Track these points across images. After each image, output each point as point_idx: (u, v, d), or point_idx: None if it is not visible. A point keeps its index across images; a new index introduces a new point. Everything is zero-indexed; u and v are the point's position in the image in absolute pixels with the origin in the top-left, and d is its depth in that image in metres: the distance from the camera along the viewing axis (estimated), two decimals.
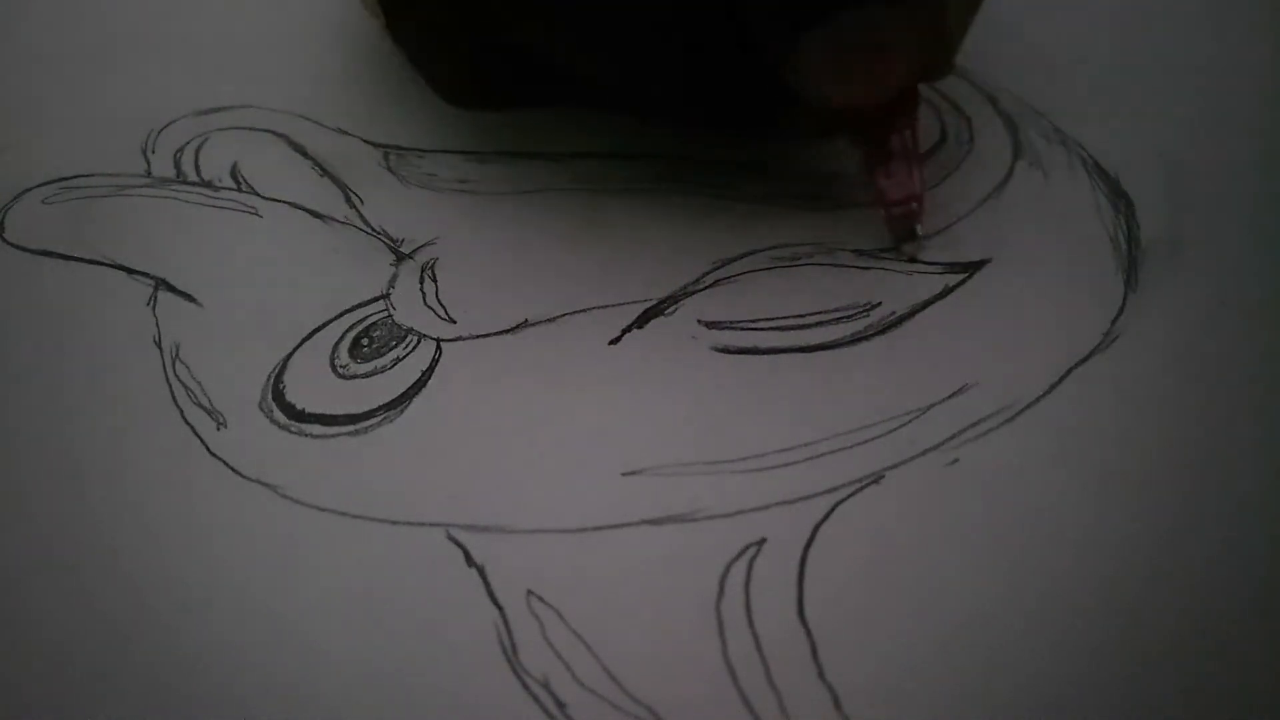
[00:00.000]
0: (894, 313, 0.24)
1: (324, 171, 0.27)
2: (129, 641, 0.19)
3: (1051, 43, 0.30)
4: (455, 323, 0.24)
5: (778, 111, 0.24)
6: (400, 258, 0.25)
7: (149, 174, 0.27)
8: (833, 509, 0.21)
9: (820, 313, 0.24)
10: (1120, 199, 0.26)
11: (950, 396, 0.22)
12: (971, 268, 0.25)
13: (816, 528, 0.20)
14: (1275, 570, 0.20)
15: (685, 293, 0.24)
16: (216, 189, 0.27)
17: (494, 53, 0.25)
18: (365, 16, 0.29)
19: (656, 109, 0.26)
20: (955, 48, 0.24)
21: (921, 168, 0.25)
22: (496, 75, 0.26)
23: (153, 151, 0.28)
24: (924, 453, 0.21)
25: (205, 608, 0.20)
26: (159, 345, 0.24)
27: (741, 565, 0.20)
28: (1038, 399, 0.22)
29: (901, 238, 0.25)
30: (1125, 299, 0.24)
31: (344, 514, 0.21)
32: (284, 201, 0.27)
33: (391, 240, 0.26)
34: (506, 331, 0.24)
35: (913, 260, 0.25)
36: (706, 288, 0.24)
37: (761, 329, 0.24)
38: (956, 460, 0.21)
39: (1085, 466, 0.21)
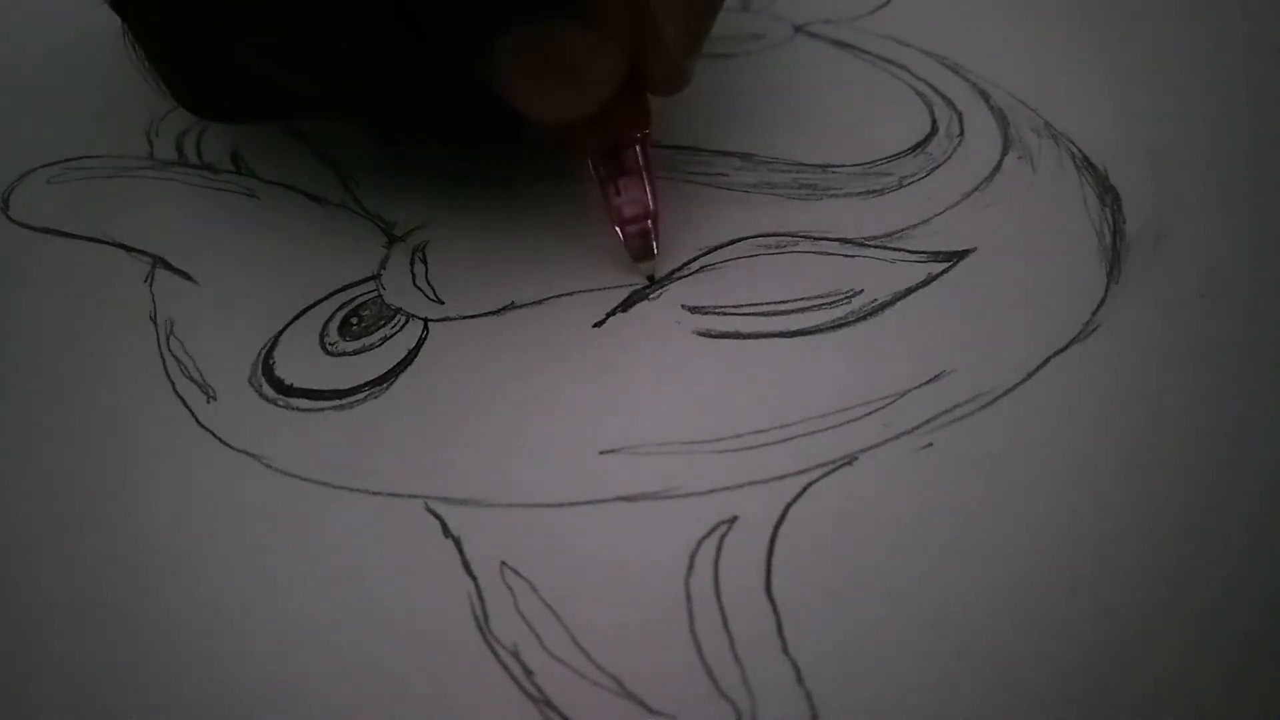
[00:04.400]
0: (875, 300, 0.24)
1: (321, 156, 0.28)
2: (115, 603, 0.20)
3: (1043, 37, 0.30)
4: (443, 304, 0.24)
5: (501, 125, 0.23)
6: (392, 240, 0.26)
7: (151, 157, 0.28)
8: (805, 489, 0.21)
9: (803, 299, 0.24)
10: (1108, 193, 0.26)
11: (926, 382, 0.22)
12: (955, 257, 0.25)
13: (788, 507, 0.21)
14: (1251, 559, 0.20)
15: (671, 278, 0.25)
16: (217, 172, 0.28)
17: (216, 68, 0.24)
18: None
19: (377, 123, 0.24)
20: (682, 62, 0.23)
21: (655, 184, 0.24)
22: (226, 85, 0.24)
23: (156, 135, 0.28)
24: (897, 436, 0.22)
25: (189, 571, 0.20)
26: (154, 321, 0.24)
27: (712, 542, 0.20)
28: (1014, 386, 0.22)
29: (638, 256, 0.24)
30: (1107, 290, 0.24)
31: (326, 484, 0.21)
32: (281, 184, 0.27)
33: (384, 223, 0.26)
34: (493, 313, 0.24)
35: (651, 280, 0.24)
36: (692, 273, 0.25)
37: (744, 314, 0.24)
38: (930, 445, 0.21)
39: (1059, 455, 0.21)
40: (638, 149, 0.24)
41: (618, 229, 0.24)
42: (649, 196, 0.24)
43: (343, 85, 0.23)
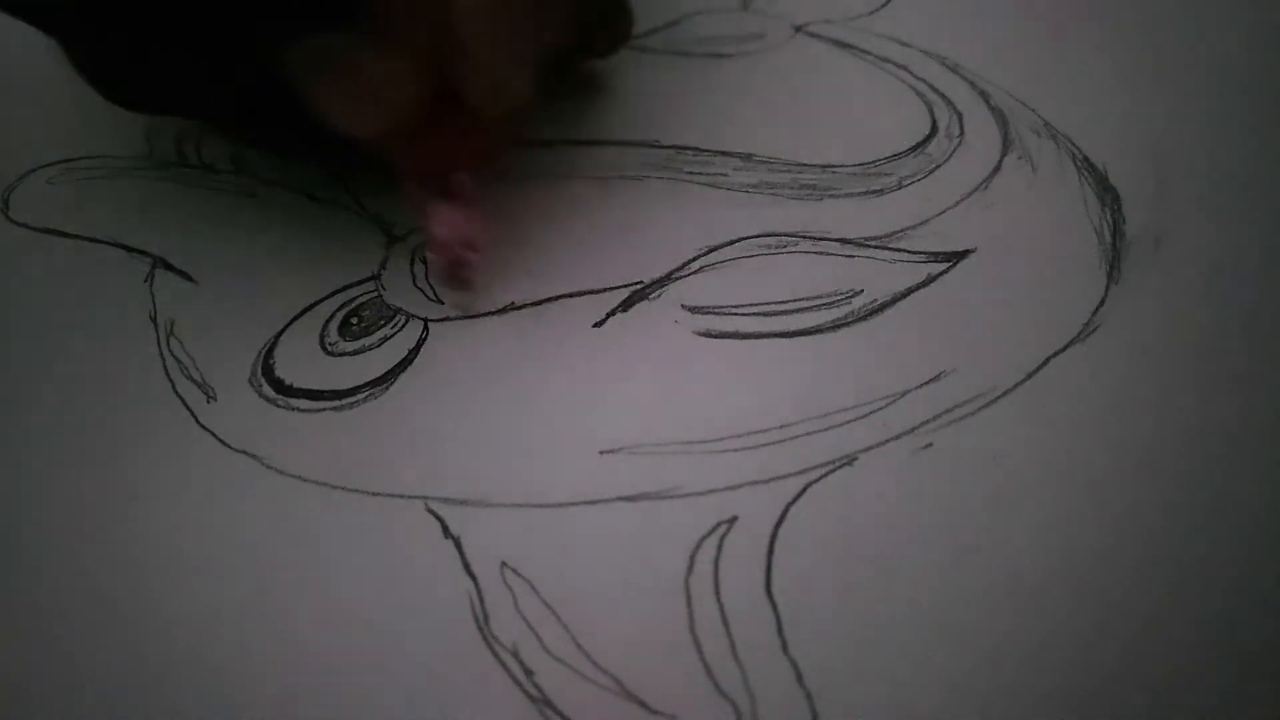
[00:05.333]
0: (875, 300, 0.24)
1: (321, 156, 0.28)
2: (115, 603, 0.20)
3: (1043, 38, 0.30)
4: (443, 304, 0.24)
5: (327, 136, 0.22)
6: (392, 240, 0.26)
7: (151, 157, 0.28)
8: (805, 489, 0.21)
9: (803, 299, 0.24)
10: (1108, 193, 0.26)
11: (926, 383, 0.22)
12: (955, 257, 0.25)
13: (788, 507, 0.21)
14: (1252, 559, 0.20)
15: (671, 278, 0.25)
16: (217, 172, 0.28)
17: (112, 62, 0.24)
18: None
19: (226, 129, 0.25)
20: (510, 86, 0.22)
21: (481, 217, 0.23)
22: (126, 78, 0.24)
23: (156, 135, 0.28)
24: (897, 436, 0.22)
25: (189, 571, 0.20)
26: (154, 321, 0.24)
27: (712, 542, 0.20)
28: (1014, 387, 0.22)
29: (448, 285, 0.24)
30: (1107, 291, 0.24)
31: (326, 484, 0.21)
32: (281, 185, 0.27)
33: (384, 223, 0.26)
34: (493, 313, 0.24)
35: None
36: (692, 273, 0.25)
37: (744, 314, 0.24)
38: (930, 445, 0.21)
39: (1059, 455, 0.21)
40: (466, 178, 0.23)
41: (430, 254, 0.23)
42: (469, 226, 0.23)
43: (194, 91, 0.23)
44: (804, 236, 0.25)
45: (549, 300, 0.24)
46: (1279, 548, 0.20)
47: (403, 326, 0.24)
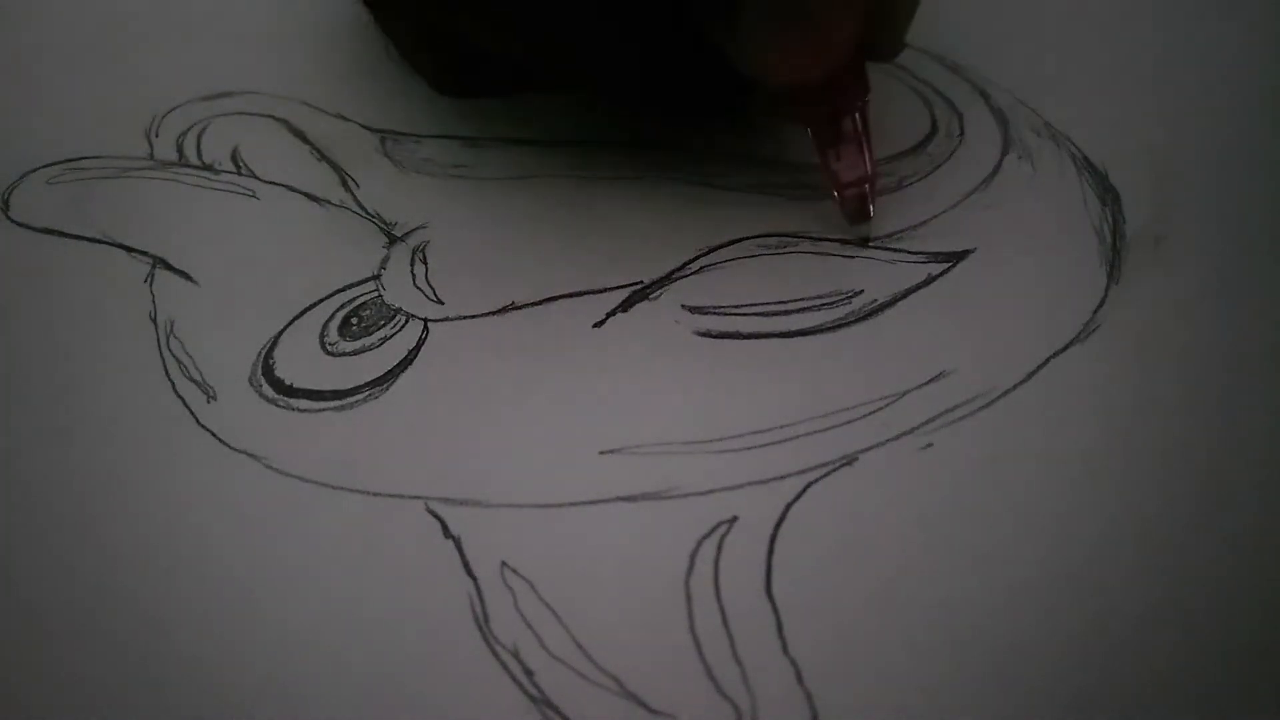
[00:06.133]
0: (875, 300, 0.24)
1: (321, 155, 0.28)
2: (115, 603, 0.20)
3: (1043, 38, 0.30)
4: (443, 304, 0.24)
5: (727, 95, 0.24)
6: (393, 240, 0.26)
7: (151, 157, 0.28)
8: (805, 489, 0.21)
9: (802, 299, 0.24)
10: (1108, 193, 0.26)
11: (927, 383, 0.22)
12: (955, 257, 0.25)
13: (788, 507, 0.21)
14: (1251, 559, 0.20)
15: (671, 278, 0.25)
16: (217, 172, 0.28)
17: (469, 44, 0.26)
18: (361, 9, 0.29)
19: (615, 94, 0.26)
20: (902, 26, 0.24)
21: (872, 149, 0.25)
22: (475, 65, 0.27)
23: (156, 135, 0.28)
24: (897, 436, 0.22)
25: (189, 571, 0.20)
26: (154, 321, 0.24)
27: (712, 542, 0.20)
28: (1014, 387, 0.22)
29: (854, 219, 0.25)
30: (1107, 290, 0.24)
31: (326, 485, 0.21)
32: (281, 184, 0.27)
33: (385, 223, 0.26)
34: (493, 313, 0.24)
35: (865, 243, 0.25)
36: (692, 274, 0.25)
37: (744, 314, 0.24)
38: (930, 445, 0.21)
39: (1059, 455, 0.21)
40: (856, 116, 0.24)
41: (835, 193, 0.25)
42: (866, 162, 0.25)
43: (595, 60, 0.24)
44: (804, 236, 0.25)
45: (549, 300, 0.24)
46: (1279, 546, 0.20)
47: (403, 326, 0.24)
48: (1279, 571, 0.20)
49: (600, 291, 0.24)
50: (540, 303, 0.24)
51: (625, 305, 0.24)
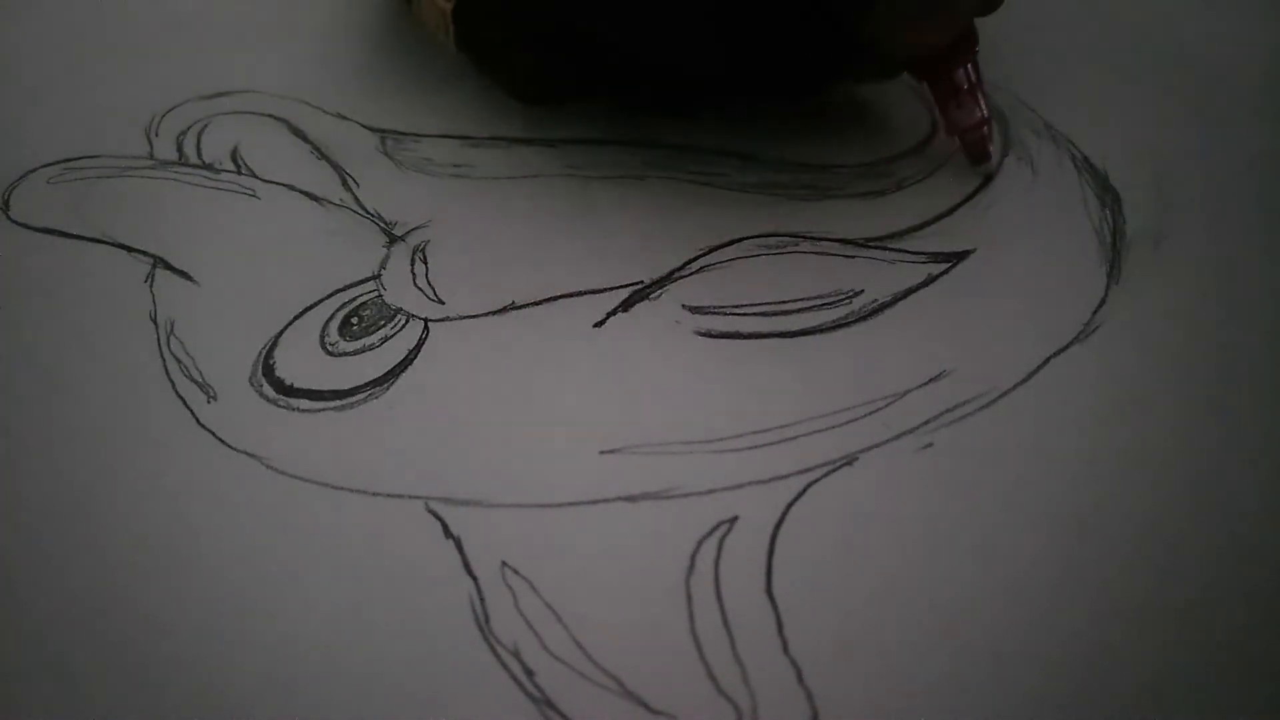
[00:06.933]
0: (876, 300, 0.24)
1: (321, 155, 0.28)
2: (115, 602, 0.20)
3: (1044, 39, 0.30)
4: (444, 304, 0.24)
5: (840, 64, 0.26)
6: (393, 240, 0.26)
7: (151, 156, 0.28)
8: (805, 489, 0.21)
9: (803, 299, 0.24)
10: (1108, 193, 0.26)
11: (927, 383, 0.22)
12: (955, 258, 0.25)
13: (788, 507, 0.21)
14: (1250, 558, 0.20)
15: (671, 278, 0.25)
16: (217, 171, 0.28)
17: (556, 51, 0.26)
18: (431, 37, 0.29)
19: (708, 85, 0.27)
20: None
21: (986, 95, 0.26)
22: (559, 72, 0.27)
23: (156, 135, 0.28)
24: (898, 436, 0.22)
25: (189, 571, 0.20)
26: (154, 321, 0.24)
27: (713, 542, 0.20)
28: (1014, 386, 0.22)
29: (977, 160, 0.27)
30: (1107, 291, 0.24)
31: (327, 485, 0.21)
32: (281, 184, 0.27)
33: (385, 223, 0.26)
34: (493, 313, 0.24)
35: (989, 180, 0.26)
36: (693, 274, 0.25)
37: (745, 314, 0.24)
38: (930, 444, 0.21)
39: (1058, 455, 0.21)
40: (969, 67, 0.26)
41: (957, 138, 0.27)
42: (982, 107, 0.26)
43: (698, 51, 0.25)
44: (804, 236, 0.25)
45: (549, 300, 0.24)
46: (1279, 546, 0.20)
47: (403, 326, 0.24)
48: (1277, 570, 0.20)
49: (600, 291, 0.24)
50: (540, 303, 0.24)
51: (625, 305, 0.24)
